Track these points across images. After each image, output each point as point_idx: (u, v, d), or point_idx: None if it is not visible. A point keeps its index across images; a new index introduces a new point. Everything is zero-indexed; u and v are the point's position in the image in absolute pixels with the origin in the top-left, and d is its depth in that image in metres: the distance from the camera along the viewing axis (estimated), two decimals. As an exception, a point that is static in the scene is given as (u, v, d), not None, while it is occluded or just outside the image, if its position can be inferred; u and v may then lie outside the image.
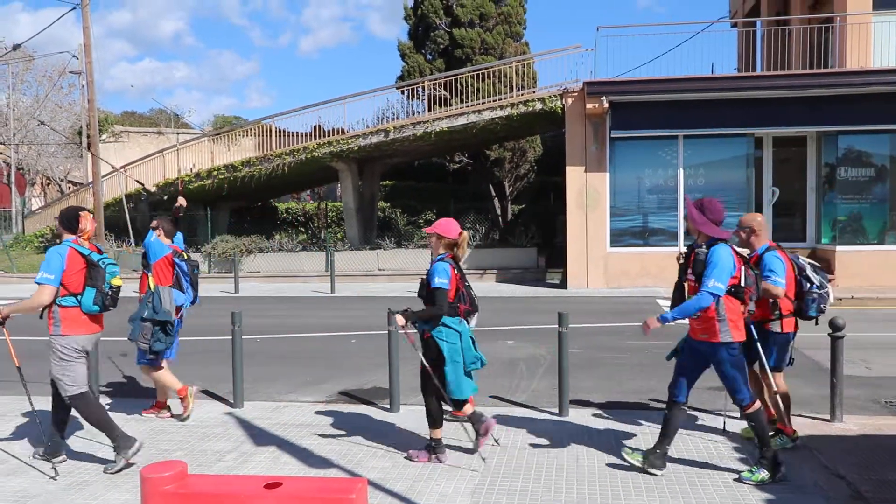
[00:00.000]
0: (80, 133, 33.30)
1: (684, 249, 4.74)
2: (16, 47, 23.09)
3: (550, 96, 17.26)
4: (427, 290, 4.92)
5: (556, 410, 6.03)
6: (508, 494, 4.37)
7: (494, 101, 18.36)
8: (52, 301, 4.82)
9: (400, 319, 4.87)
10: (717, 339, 4.45)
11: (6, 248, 24.36)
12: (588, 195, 16.29)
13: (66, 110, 35.14)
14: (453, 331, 4.87)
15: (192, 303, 6.28)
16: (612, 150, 16.36)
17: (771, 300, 4.98)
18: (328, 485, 3.21)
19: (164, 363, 6.10)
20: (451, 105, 19.36)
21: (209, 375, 7.91)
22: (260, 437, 5.59)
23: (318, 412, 6.28)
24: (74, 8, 18.61)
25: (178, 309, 6.06)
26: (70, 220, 4.98)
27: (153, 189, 5.27)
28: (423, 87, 20.48)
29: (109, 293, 4.93)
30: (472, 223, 20.97)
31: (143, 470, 3.19)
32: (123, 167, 23.16)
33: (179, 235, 6.46)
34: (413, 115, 20.95)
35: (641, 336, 10.20)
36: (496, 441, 5.23)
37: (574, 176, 16.41)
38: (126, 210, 21.67)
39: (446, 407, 5.06)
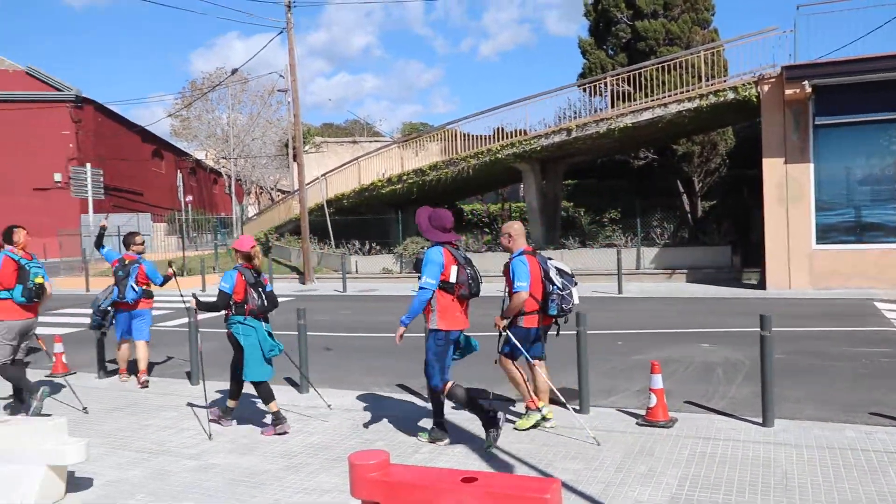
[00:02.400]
0: (286, 146, 36.55)
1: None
2: (234, 72, 25.87)
3: (744, 84, 16.17)
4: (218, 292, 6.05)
5: (760, 420, 5.66)
6: (708, 505, 4.19)
7: (681, 93, 17.54)
8: None
9: (193, 301, 6.19)
10: (428, 325, 5.25)
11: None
12: (789, 188, 15.05)
13: (274, 125, 38.73)
14: (247, 326, 5.97)
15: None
16: (815, 139, 14.97)
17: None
18: (523, 483, 3.27)
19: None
20: (634, 100, 18.78)
21: (403, 370, 8.35)
22: (454, 432, 5.80)
23: (511, 410, 6.41)
24: (281, 32, 20.47)
25: None
26: (7, 235, 6.74)
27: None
28: (606, 83, 20.05)
29: (33, 288, 6.54)
30: (658, 221, 20.20)
31: (351, 457, 3.46)
32: (324, 175, 25.05)
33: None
34: (595, 112, 20.57)
35: (858, 342, 9.28)
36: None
37: (772, 168, 15.23)
38: (327, 214, 23.41)
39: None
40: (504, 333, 5.66)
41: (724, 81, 17.41)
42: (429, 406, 6.57)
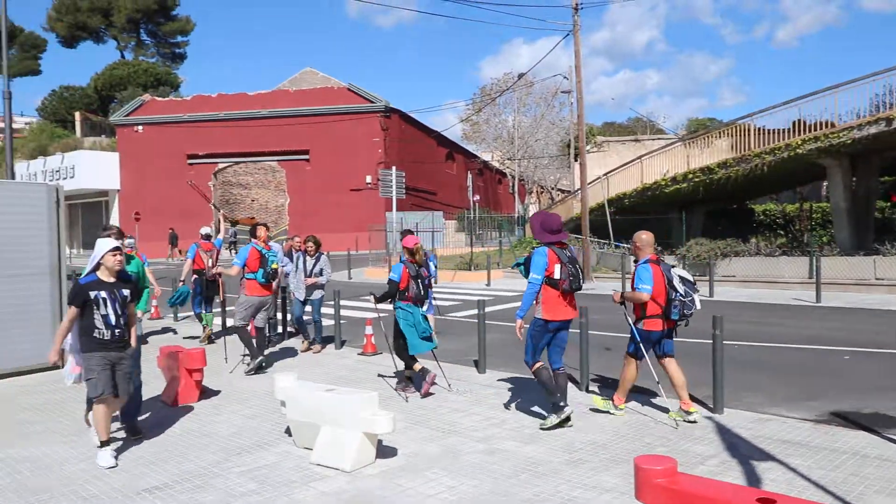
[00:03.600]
0: (568, 146, 37.02)
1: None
2: (520, 76, 26.88)
3: None
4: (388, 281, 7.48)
5: None
6: None
7: None
8: (240, 274, 8.81)
9: (373, 298, 7.72)
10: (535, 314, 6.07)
11: (512, 248, 28.56)
12: None
13: (557, 126, 39.46)
14: (406, 311, 7.36)
15: None
16: None
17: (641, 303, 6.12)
18: (828, 512, 2.99)
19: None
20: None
21: (694, 377, 8.05)
22: (742, 447, 5.49)
23: (806, 431, 5.87)
24: (567, 35, 20.80)
25: None
26: (252, 231, 9.02)
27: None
28: (943, 62, 17.03)
29: (270, 272, 8.78)
30: None
31: (637, 460, 3.48)
32: (605, 174, 24.95)
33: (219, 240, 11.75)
34: (928, 96, 17.58)
35: None
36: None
37: None
38: (608, 213, 23.32)
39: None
40: (635, 333, 6.27)
41: None
42: (715, 416, 6.29)
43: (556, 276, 5.90)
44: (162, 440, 6.10)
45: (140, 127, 39.97)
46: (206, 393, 7.60)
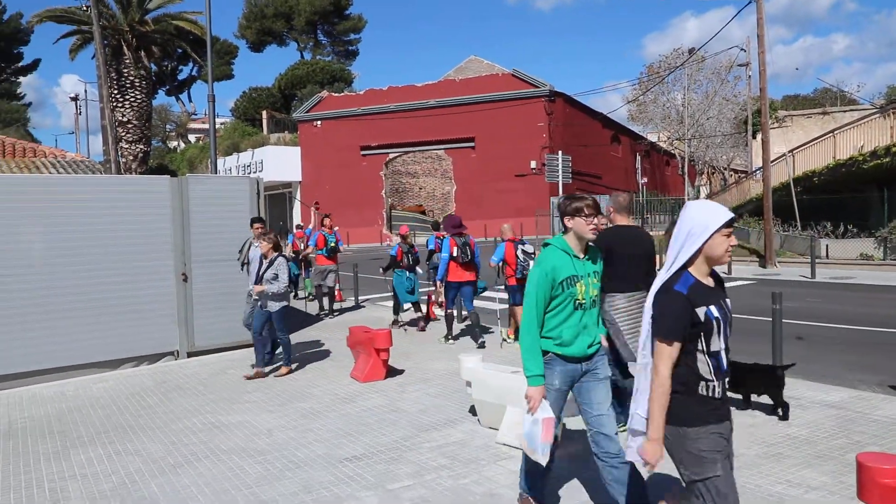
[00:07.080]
0: (744, 123, 34.65)
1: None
2: (692, 52, 25.46)
3: None
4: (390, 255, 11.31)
5: None
6: None
7: None
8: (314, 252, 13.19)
9: (381, 270, 11.93)
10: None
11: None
12: None
13: (731, 102, 37.00)
14: (399, 276, 10.93)
15: None
16: None
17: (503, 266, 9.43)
18: None
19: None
20: None
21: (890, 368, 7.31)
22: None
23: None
24: (750, 2, 19.39)
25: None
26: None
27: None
28: None
29: (330, 247, 12.73)
30: None
31: (861, 457, 3.24)
32: (791, 151, 23.10)
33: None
34: None
35: None
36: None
37: None
38: (793, 194, 21.58)
39: None
40: (507, 287, 9.45)
41: None
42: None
43: (455, 254, 9.39)
44: (356, 415, 6.52)
45: (318, 122, 42.61)
46: (391, 372, 8.00)
